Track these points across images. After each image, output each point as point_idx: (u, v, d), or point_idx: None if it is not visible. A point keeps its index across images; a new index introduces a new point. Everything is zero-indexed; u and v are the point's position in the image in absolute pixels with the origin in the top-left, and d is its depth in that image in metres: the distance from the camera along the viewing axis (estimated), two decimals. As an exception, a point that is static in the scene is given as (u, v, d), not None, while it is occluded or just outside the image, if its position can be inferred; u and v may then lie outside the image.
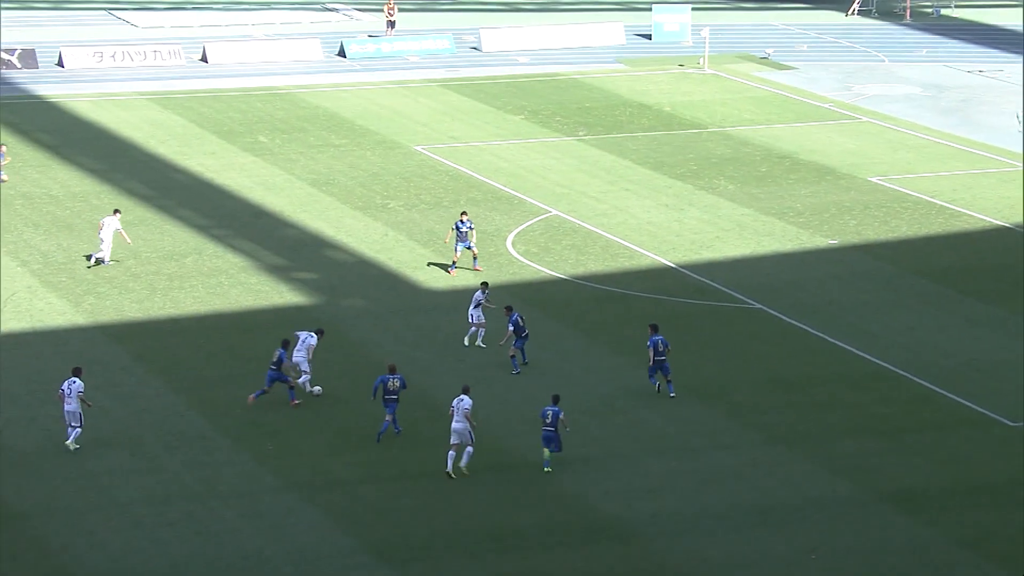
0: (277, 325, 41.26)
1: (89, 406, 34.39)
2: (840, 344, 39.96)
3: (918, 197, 52.07)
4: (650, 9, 78.18)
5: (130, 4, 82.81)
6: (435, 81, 68.76)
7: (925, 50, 74.34)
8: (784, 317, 41.88)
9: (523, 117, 62.69)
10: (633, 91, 66.90)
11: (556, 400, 34.00)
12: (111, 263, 45.09)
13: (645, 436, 35.10)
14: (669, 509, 32.00)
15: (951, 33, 77.99)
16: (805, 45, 75.48)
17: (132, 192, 52.72)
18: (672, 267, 45.83)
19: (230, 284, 44.42)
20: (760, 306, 42.67)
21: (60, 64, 70.43)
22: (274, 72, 70.31)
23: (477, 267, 44.97)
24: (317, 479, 33.21)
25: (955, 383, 37.47)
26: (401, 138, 59.58)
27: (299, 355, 37.08)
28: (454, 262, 45.02)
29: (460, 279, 44.46)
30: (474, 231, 44.95)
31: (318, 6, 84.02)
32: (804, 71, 70.54)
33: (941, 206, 51.15)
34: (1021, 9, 78.58)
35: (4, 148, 54.38)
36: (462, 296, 43.06)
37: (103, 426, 35.02)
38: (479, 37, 75.28)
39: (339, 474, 33.45)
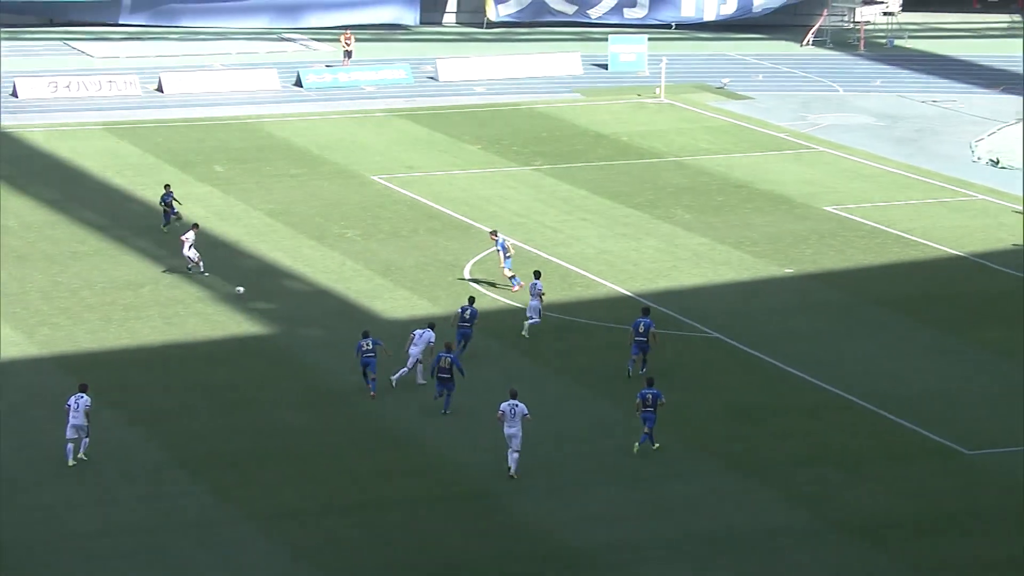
0: (234, 355, 41.14)
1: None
2: (797, 373, 40.06)
3: (873, 226, 52.33)
4: (606, 39, 78.45)
5: (85, 35, 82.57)
6: (392, 111, 68.81)
7: (879, 80, 74.83)
8: (741, 346, 41.98)
9: (480, 147, 62.80)
10: (590, 121, 67.09)
11: (651, 383, 35.42)
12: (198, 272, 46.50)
13: (600, 464, 35.10)
14: (624, 538, 31.96)
15: (905, 63, 78.54)
16: (761, 75, 75.87)
17: (87, 222, 52.48)
18: (629, 296, 45.89)
19: (187, 314, 44.23)
20: (717, 335, 42.77)
21: (14, 94, 70.11)
22: (230, 102, 70.20)
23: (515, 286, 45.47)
24: (272, 510, 33.04)
25: (912, 412, 37.58)
26: (358, 168, 59.54)
27: (415, 350, 38.87)
28: (512, 277, 45.39)
29: (439, 304, 44.40)
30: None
31: (274, 36, 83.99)
32: (760, 101, 70.88)
33: (896, 235, 51.42)
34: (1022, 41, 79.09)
35: None
36: (420, 325, 42.92)
37: (59, 457, 34.74)
38: (436, 67, 75.36)
39: (296, 505, 33.28)
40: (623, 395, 38.66)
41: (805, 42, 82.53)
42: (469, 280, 47.03)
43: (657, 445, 35.45)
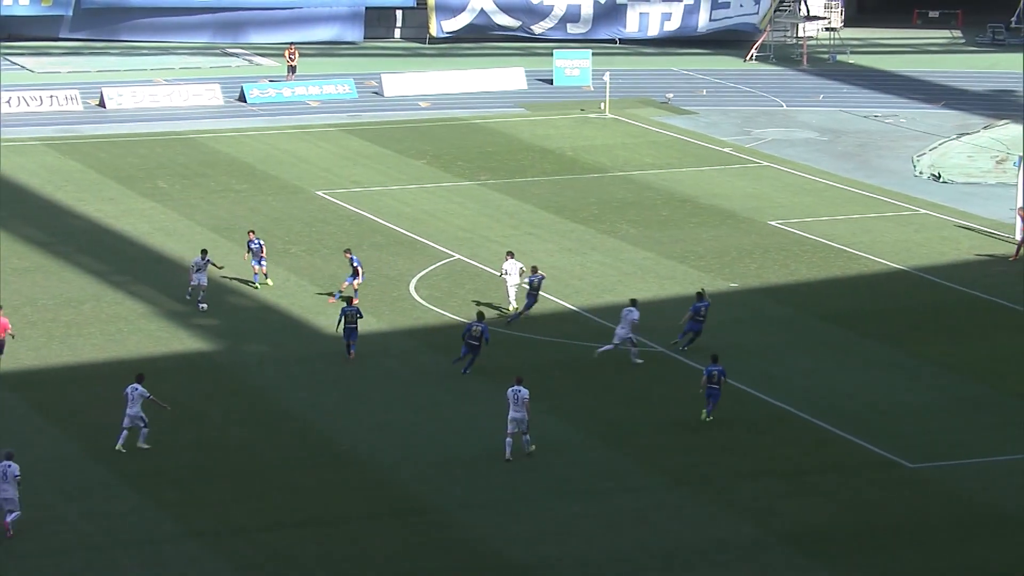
0: (178, 372, 40.87)
1: (165, 408, 36.07)
2: (741, 387, 40.14)
3: (817, 240, 52.56)
4: (551, 54, 78.58)
5: (26, 49, 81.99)
6: (337, 126, 68.61)
7: (822, 95, 75.27)
8: (686, 360, 42.05)
9: (425, 162, 62.74)
10: (535, 135, 67.16)
11: (716, 359, 37.80)
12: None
13: (549, 480, 35.05)
14: (574, 553, 31.92)
15: (847, 79, 79.04)
16: (704, 90, 76.17)
17: (29, 239, 52.06)
18: (575, 311, 45.91)
19: (129, 331, 43.93)
20: (662, 349, 42.84)
21: (-45, 109, 69.55)
22: (174, 117, 69.88)
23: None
24: (220, 527, 32.84)
25: (856, 425, 37.73)
26: (303, 183, 59.36)
27: (622, 330, 40.96)
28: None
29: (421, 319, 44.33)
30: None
31: (218, 51, 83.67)
32: (704, 116, 71.15)
33: (840, 249, 51.67)
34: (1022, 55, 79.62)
35: None
36: (365, 341, 42.85)
37: None
38: (380, 82, 75.25)
39: (242, 521, 33.09)
40: (572, 411, 38.72)
41: (748, 57, 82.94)
42: (415, 294, 46.96)
43: (711, 418, 37.52)
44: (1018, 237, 50.88)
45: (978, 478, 35.29)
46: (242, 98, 73.09)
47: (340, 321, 42.11)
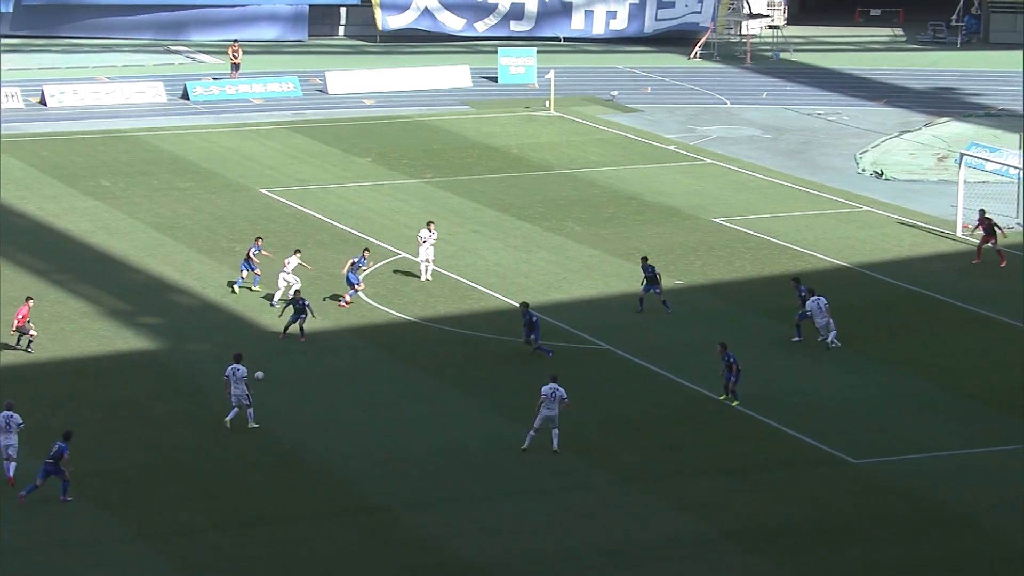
0: (122, 371, 40.62)
1: (258, 379, 37.49)
2: (687, 383, 40.28)
3: (761, 238, 52.75)
4: (496, 52, 78.52)
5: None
6: (281, 124, 68.34)
7: (765, 93, 75.54)
8: (632, 358, 42.13)
9: (370, 159, 62.54)
10: (480, 133, 67.06)
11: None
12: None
13: (497, 478, 35.05)
14: (523, 550, 31.93)
15: (790, 76, 79.33)
16: (649, 88, 76.30)
17: (-29, 237, 51.62)
18: (521, 309, 46.03)
19: (72, 330, 43.61)
20: (608, 347, 42.88)
21: None
22: (116, 115, 69.41)
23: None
24: (165, 527, 32.65)
25: (801, 422, 37.88)
26: (247, 181, 59.08)
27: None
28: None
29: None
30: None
31: (160, 49, 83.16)
32: (648, 113, 71.25)
33: (783, 246, 51.86)
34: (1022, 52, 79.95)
35: None
36: (311, 339, 42.83)
37: (-58, 477, 34.10)
38: (325, 80, 74.98)
39: (188, 522, 32.92)
40: (519, 409, 38.65)
41: (692, 55, 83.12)
42: (362, 294, 46.84)
43: (733, 401, 38.36)
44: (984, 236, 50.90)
45: (922, 473, 35.49)
46: (185, 96, 72.66)
47: (284, 309, 42.84)
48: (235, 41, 78.02)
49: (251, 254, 46.86)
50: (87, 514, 33.02)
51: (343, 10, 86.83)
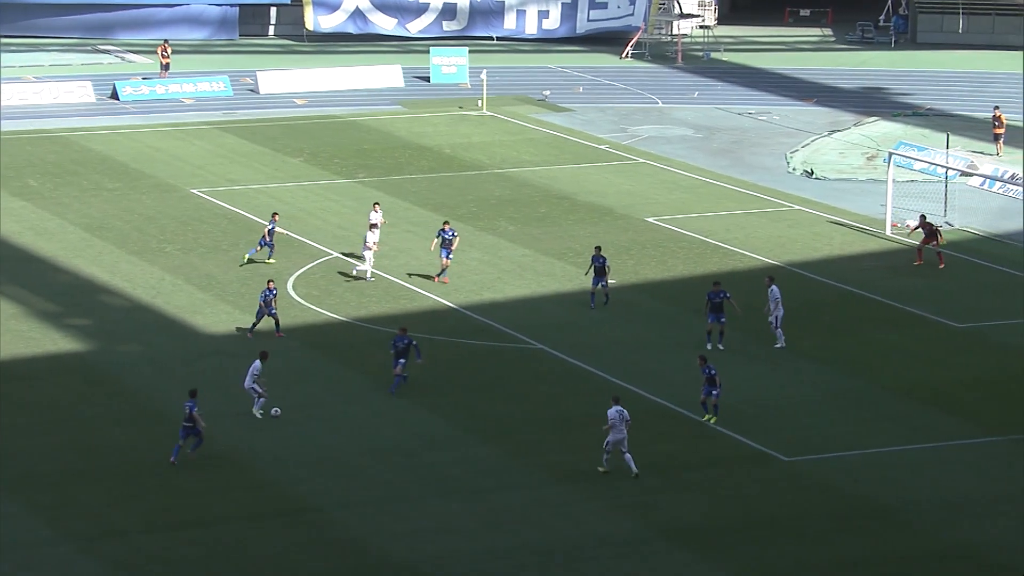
0: (51, 373, 40.26)
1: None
2: (620, 382, 40.33)
3: (692, 237, 52.92)
4: (427, 52, 78.41)
5: None
6: (211, 124, 67.99)
7: (697, 92, 75.82)
8: (565, 357, 42.17)
9: (302, 159, 62.32)
10: (412, 133, 66.93)
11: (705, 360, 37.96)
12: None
13: (431, 477, 34.99)
14: (455, 550, 31.90)
15: (721, 76, 79.65)
16: (581, 87, 76.42)
17: None
18: (454, 308, 45.87)
19: None
20: (541, 346, 42.91)
21: None
22: (44, 115, 68.78)
23: (444, 279, 46.98)
24: (95, 530, 32.40)
25: (733, 420, 38.02)
26: (177, 181, 58.73)
27: None
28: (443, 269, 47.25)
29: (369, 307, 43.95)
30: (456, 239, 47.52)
31: (89, 48, 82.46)
32: (581, 113, 71.35)
33: (715, 245, 52.05)
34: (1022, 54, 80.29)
35: None
36: (242, 340, 42.63)
37: None
38: (256, 79, 74.62)
39: (118, 524, 32.67)
40: (452, 408, 38.67)
41: (624, 55, 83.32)
42: (293, 293, 46.67)
43: (712, 419, 37.74)
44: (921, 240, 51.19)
45: (852, 471, 35.65)
46: (114, 96, 72.12)
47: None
48: (165, 40, 77.49)
49: (268, 231, 48.13)
50: (16, 517, 32.70)
51: (273, 10, 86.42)
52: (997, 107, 64.49)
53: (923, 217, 50.84)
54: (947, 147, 58.39)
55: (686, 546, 32.17)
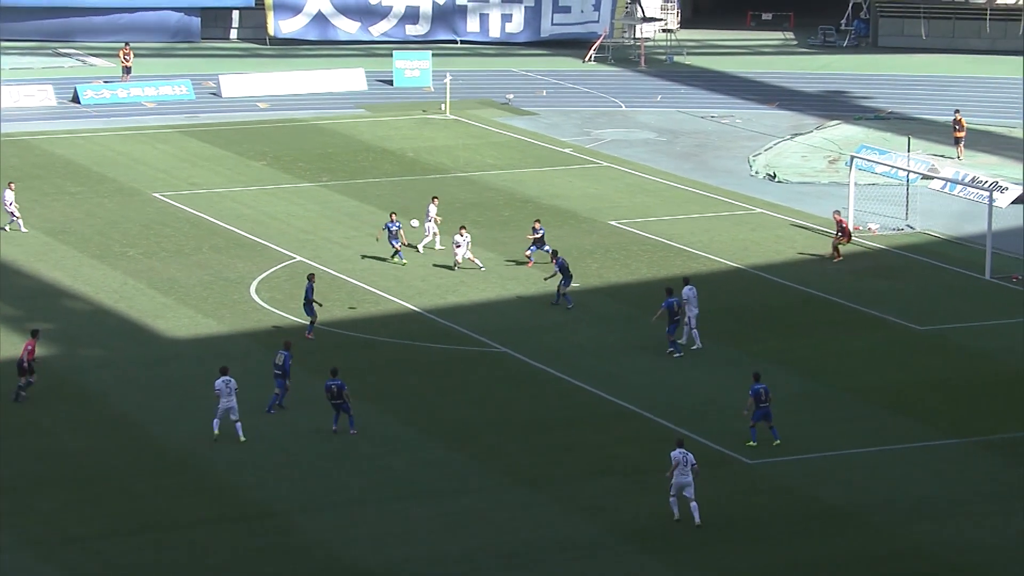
0: (10, 377, 39.99)
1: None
2: (583, 386, 40.33)
3: (656, 240, 52.92)
4: (391, 55, 78.27)
5: None
6: (174, 127, 67.75)
7: (660, 96, 75.87)
8: (528, 360, 42.13)
9: (265, 163, 62.14)
10: (375, 137, 66.79)
11: (758, 377, 36.73)
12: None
13: (392, 481, 34.91)
14: (416, 554, 31.83)
15: (684, 79, 79.72)
16: (544, 91, 76.39)
17: None
18: (418, 312, 45.79)
19: (-40, 336, 42.97)
20: (505, 349, 42.86)
21: None
22: (5, 119, 68.39)
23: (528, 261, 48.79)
24: (53, 535, 32.20)
25: (695, 423, 38.02)
26: (139, 185, 58.50)
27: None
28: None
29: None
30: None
31: (50, 52, 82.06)
32: (544, 117, 71.30)
33: (679, 249, 52.06)
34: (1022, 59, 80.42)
35: None
36: (205, 344, 42.43)
37: None
38: (218, 83, 74.36)
39: (76, 530, 32.50)
40: (414, 411, 38.63)
41: (587, 58, 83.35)
42: (256, 297, 46.54)
43: (777, 442, 36.66)
44: (844, 235, 51.46)
45: (813, 474, 35.72)
46: (76, 99, 71.80)
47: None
48: (126, 44, 77.18)
49: (391, 230, 48.96)
50: (-26, 523, 32.52)
51: (236, 13, 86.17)
52: (958, 111, 64.74)
53: (837, 213, 51.06)
54: (908, 150, 58.56)
55: (646, 549, 32.14)
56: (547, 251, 48.19)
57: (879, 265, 50.55)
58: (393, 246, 49.20)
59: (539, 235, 49.21)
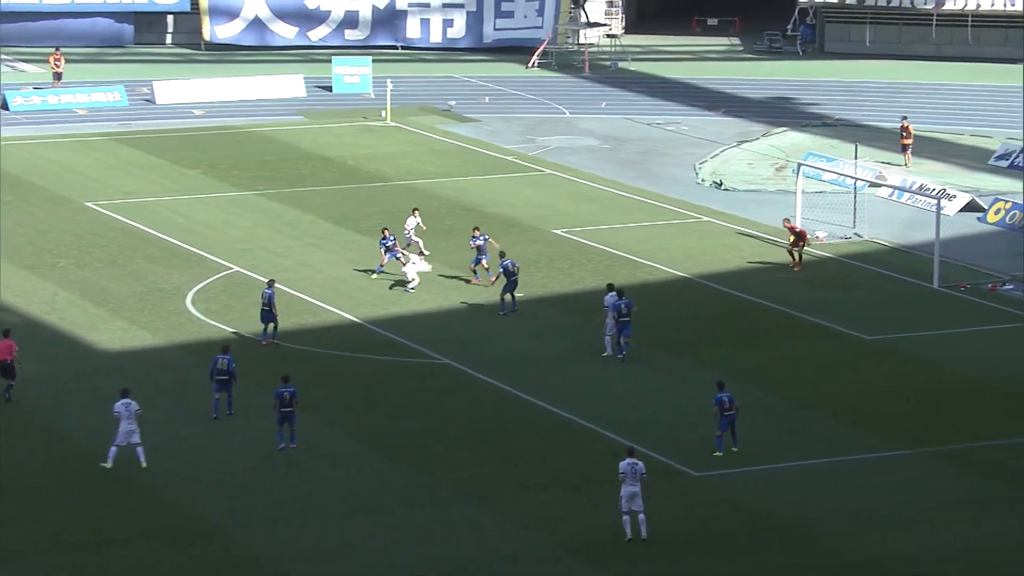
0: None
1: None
2: (527, 397, 39.81)
3: (601, 249, 52.48)
4: (330, 61, 77.51)
5: None
6: (107, 135, 66.92)
7: (604, 102, 75.49)
8: (472, 371, 41.57)
9: (201, 171, 61.44)
10: (315, 144, 66.17)
11: (722, 385, 36.43)
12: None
13: (334, 495, 34.31)
14: (360, 569, 31.30)
15: (629, 86, 79.43)
16: (487, 97, 75.93)
17: None
18: (359, 323, 45.16)
19: None
20: (448, 360, 42.29)
21: None
22: (-68, 126, 67.32)
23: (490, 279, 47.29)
24: (-16, 555, 31.33)
25: (641, 434, 37.51)
26: (71, 194, 57.61)
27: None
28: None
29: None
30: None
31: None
32: (487, 123, 70.87)
33: (624, 257, 51.63)
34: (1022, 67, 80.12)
35: None
36: (140, 356, 41.76)
37: None
38: (152, 89, 73.46)
39: (12, 545, 31.73)
40: (356, 424, 38.02)
41: (530, 64, 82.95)
42: (192, 308, 45.59)
43: (735, 448, 36.24)
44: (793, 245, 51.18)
45: (763, 486, 35.32)
46: (4, 106, 70.72)
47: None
48: (57, 48, 75.96)
49: (388, 245, 48.29)
50: (-102, 544, 31.49)
51: (170, 18, 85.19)
52: (905, 117, 64.55)
53: (787, 220, 50.76)
54: (856, 158, 58.34)
55: (594, 562, 31.69)
56: (484, 261, 47.63)
57: (827, 274, 50.25)
58: (395, 259, 48.05)
59: (478, 243, 48.18)
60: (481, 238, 48.28)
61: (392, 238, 48.82)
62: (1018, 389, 40.87)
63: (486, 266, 47.90)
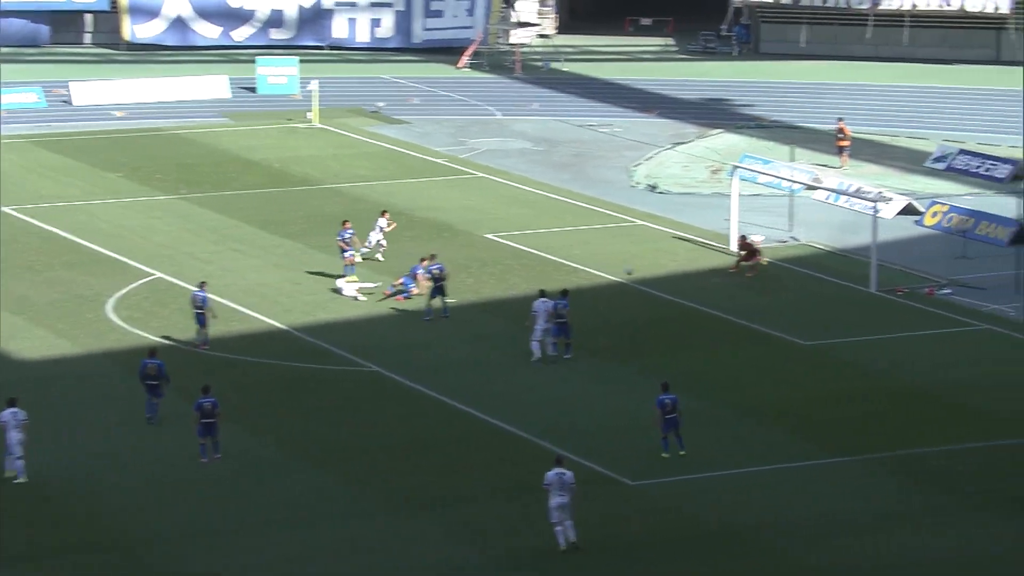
0: None
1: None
2: (459, 405, 39.11)
3: (534, 253, 51.80)
4: (253, 61, 76.43)
5: None
6: (22, 137, 65.83)
7: (536, 104, 74.84)
8: (403, 380, 40.79)
9: (121, 175, 60.45)
10: (239, 147, 65.31)
11: (667, 387, 36.19)
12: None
13: (263, 507, 33.59)
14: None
15: (561, 87, 78.91)
16: (416, 99, 75.15)
17: None
18: (286, 330, 44.32)
19: None
20: (378, 368, 41.50)
21: None
22: None
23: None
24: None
25: (576, 442, 36.86)
26: (-13, 198, 56.69)
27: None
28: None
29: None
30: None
31: None
32: (416, 125, 70.12)
33: (557, 262, 50.98)
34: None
35: None
36: (60, 365, 41.00)
37: None
38: (70, 90, 72.33)
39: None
40: (285, 434, 37.32)
41: (461, 64, 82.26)
42: (113, 316, 44.43)
43: (683, 452, 35.96)
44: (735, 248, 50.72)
45: (699, 494, 34.83)
46: (-83, 108, 69.39)
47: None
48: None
49: (346, 238, 47.50)
50: None
51: (89, 17, 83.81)
52: (841, 119, 64.13)
53: (743, 238, 50.31)
54: (792, 160, 57.88)
55: (529, 571, 31.20)
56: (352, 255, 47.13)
57: (762, 278, 49.67)
58: (345, 258, 47.46)
59: (345, 236, 47.47)
60: (348, 231, 47.73)
61: (351, 231, 48.01)
62: (955, 394, 40.55)
63: (357, 259, 47.40)
